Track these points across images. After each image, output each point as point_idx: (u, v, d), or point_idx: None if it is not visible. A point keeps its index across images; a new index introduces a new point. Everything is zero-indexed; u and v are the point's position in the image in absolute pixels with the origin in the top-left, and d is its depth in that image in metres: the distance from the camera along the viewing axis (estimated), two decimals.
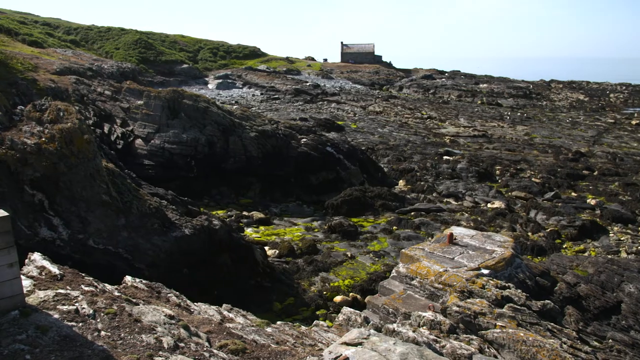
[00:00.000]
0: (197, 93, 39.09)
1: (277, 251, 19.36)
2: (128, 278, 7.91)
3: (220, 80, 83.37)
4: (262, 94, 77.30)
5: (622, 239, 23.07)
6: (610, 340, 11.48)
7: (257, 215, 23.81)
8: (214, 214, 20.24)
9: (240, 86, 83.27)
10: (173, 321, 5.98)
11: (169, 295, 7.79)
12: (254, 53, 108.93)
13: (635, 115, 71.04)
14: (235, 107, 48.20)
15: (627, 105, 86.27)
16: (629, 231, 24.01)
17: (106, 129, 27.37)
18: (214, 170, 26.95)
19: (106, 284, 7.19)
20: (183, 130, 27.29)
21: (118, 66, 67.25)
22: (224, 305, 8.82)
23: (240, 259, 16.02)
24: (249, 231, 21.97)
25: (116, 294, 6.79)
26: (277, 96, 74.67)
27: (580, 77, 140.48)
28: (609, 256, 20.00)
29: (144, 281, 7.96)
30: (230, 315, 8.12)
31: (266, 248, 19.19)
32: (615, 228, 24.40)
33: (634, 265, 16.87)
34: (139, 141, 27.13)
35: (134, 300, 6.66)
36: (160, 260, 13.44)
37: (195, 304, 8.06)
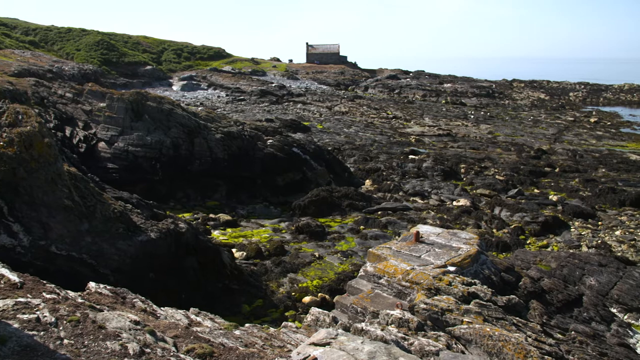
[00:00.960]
0: (162, 95, 38.61)
1: (245, 253, 19.23)
2: (92, 284, 7.76)
3: (184, 82, 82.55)
4: (227, 95, 76.81)
5: (582, 233, 23.64)
6: (572, 332, 11.75)
7: (224, 217, 23.63)
8: (180, 217, 20.00)
9: (205, 87, 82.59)
10: (139, 327, 5.88)
11: (134, 300, 7.66)
12: (219, 54, 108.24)
13: (594, 113, 72.96)
14: (200, 108, 47.83)
15: (586, 103, 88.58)
16: (589, 226, 24.62)
17: (68, 132, 26.81)
18: (180, 172, 26.64)
19: (69, 291, 7.03)
20: (147, 133, 26.91)
21: (79, 68, 65.98)
22: (192, 309, 8.72)
23: (207, 262, 15.86)
24: (216, 233, 21.79)
25: (79, 300, 6.65)
26: (242, 97, 74.29)
27: (541, 76, 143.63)
28: (571, 251, 20.46)
29: (108, 287, 7.81)
30: (198, 319, 8.03)
31: (233, 250, 19.04)
32: (577, 223, 25.00)
33: (594, 258, 17.33)
34: (102, 144, 26.64)
35: (98, 306, 6.53)
36: (125, 265, 13.21)
37: (161, 308, 7.95)
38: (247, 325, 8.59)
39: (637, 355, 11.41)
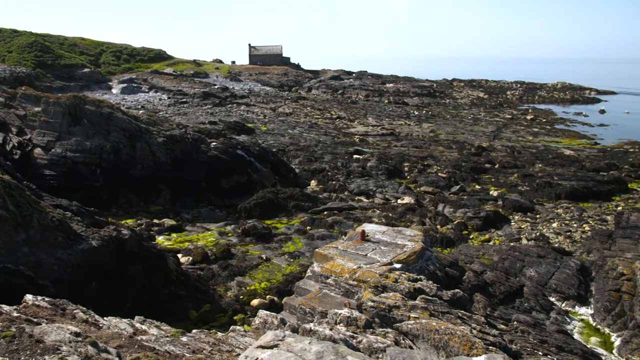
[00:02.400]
0: (101, 98, 37.53)
1: (191, 258, 18.94)
2: (29, 297, 7.45)
3: (124, 85, 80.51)
4: (169, 98, 75.43)
5: (522, 226, 24.45)
6: (515, 322, 12.13)
7: (168, 222, 23.19)
8: (122, 223, 19.51)
9: (147, 90, 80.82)
10: (79, 338, 5.69)
11: (75, 311, 7.41)
12: (160, 56, 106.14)
13: (530, 110, 75.63)
14: (141, 112, 46.76)
15: (522, 101, 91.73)
16: (528, 219, 25.49)
17: (0, 139, 25.71)
18: (121, 178, 25.96)
19: (3, 305, 6.74)
20: (86, 138, 26.12)
21: (11, 71, 63.44)
22: (136, 318, 8.51)
23: (152, 269, 15.52)
24: (160, 239, 21.37)
25: (15, 314, 6.38)
26: (185, 100, 73.13)
27: (480, 75, 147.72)
28: (512, 244, 21.13)
29: (46, 299, 7.52)
30: (143, 327, 7.85)
31: (179, 255, 18.71)
32: (516, 217, 25.84)
33: (533, 250, 17.95)
34: (38, 150, 25.67)
35: (36, 320, 6.28)
36: (66, 275, 12.77)
37: (104, 318, 7.72)
38: (194, 331, 8.44)
39: (574, 340, 11.87)
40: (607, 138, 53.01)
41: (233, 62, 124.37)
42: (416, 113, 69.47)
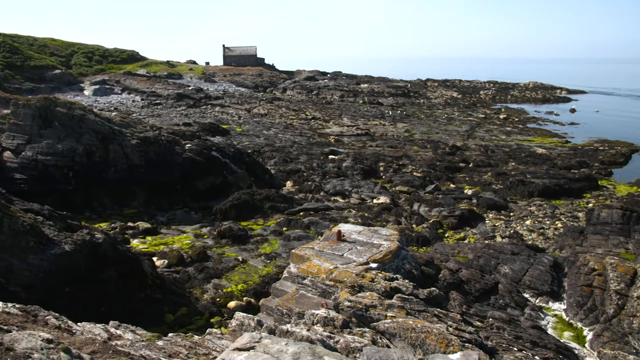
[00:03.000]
0: (72, 100, 36.94)
1: (167, 261, 18.76)
2: None
3: (97, 86, 79.45)
4: (142, 99, 74.67)
5: (496, 224, 24.75)
6: (490, 319, 12.26)
7: (143, 225, 22.93)
8: (96, 227, 19.21)
9: (119, 92, 79.88)
10: (52, 345, 5.58)
11: (47, 317, 7.27)
12: (133, 57, 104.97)
13: (503, 110, 76.63)
14: (114, 113, 46.27)
15: (495, 101, 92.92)
16: (502, 217, 25.81)
17: None
18: (95, 181, 25.58)
19: None
20: (58, 140, 25.68)
21: None
22: (111, 322, 8.38)
23: (127, 272, 15.32)
24: (135, 242, 21.12)
25: None
26: (158, 101, 72.47)
27: (454, 75, 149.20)
28: (486, 241, 21.38)
29: (17, 305, 7.37)
30: (118, 332, 7.74)
31: (154, 259, 18.51)
32: (490, 215, 26.14)
33: (507, 248, 18.18)
34: (7, 154, 25.17)
35: (6, 327, 6.15)
36: (38, 280, 12.55)
37: (78, 324, 7.59)
38: (170, 334, 8.35)
39: (548, 335, 12.05)
40: (578, 136, 53.97)
41: (207, 63, 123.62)
42: (391, 113, 69.86)
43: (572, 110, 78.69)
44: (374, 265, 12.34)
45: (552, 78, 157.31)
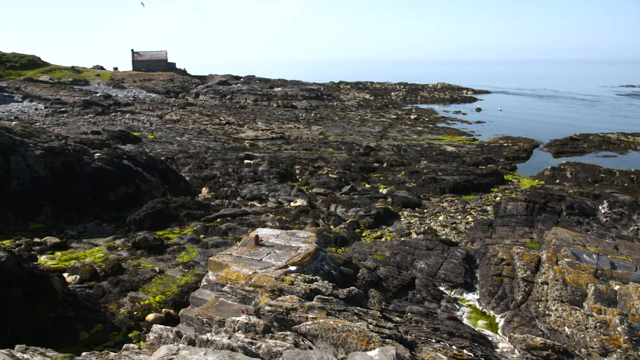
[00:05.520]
0: None
1: (78, 276, 17.86)
2: None
3: None
4: (46, 107, 70.97)
5: (411, 221, 25.43)
6: (409, 314, 12.55)
7: (51, 240, 21.73)
8: None
9: (20, 100, 75.54)
10: None
11: None
12: (34, 62, 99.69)
13: (413, 110, 79.08)
14: (14, 123, 43.65)
15: (406, 102, 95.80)
16: (416, 214, 26.57)
17: None
18: None
19: None
20: None
21: None
22: (17, 347, 7.86)
23: (35, 291, 14.45)
24: (43, 259, 19.97)
25: None
26: (64, 109, 69.13)
27: (365, 78, 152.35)
28: (402, 238, 21.91)
29: None
30: (25, 356, 7.27)
31: (65, 275, 17.55)
32: (405, 212, 26.83)
33: (422, 244, 18.72)
34: None
35: None
36: None
37: None
38: (84, 354, 7.94)
39: (463, 325, 12.49)
40: (484, 134, 56.64)
41: (115, 69, 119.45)
42: (305, 116, 70.31)
43: (478, 110, 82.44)
44: (293, 268, 12.32)
45: (459, 79, 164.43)
